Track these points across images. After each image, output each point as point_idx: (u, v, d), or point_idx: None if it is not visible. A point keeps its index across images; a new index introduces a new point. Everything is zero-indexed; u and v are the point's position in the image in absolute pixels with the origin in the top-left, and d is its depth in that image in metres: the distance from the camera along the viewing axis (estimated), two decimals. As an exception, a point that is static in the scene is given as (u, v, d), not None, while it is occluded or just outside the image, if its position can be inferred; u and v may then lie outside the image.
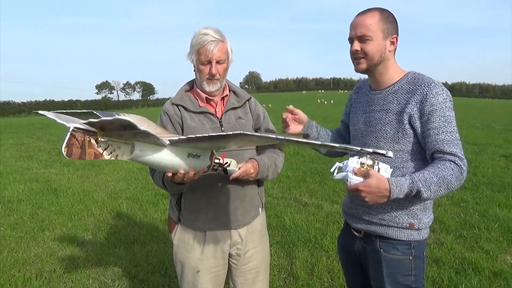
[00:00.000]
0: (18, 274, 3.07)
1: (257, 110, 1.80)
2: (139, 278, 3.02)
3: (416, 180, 1.29)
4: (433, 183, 1.29)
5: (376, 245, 1.51)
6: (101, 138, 0.99)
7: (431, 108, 1.35)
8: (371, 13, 1.42)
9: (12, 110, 54.35)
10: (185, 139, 1.14)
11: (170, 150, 1.16)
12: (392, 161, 1.43)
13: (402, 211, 1.46)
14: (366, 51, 1.42)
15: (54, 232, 4.05)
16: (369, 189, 1.26)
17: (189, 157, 1.25)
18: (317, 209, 4.66)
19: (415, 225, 1.46)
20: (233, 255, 1.76)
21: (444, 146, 1.34)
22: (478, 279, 2.86)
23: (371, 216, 1.51)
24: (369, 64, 1.45)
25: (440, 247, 3.45)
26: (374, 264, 1.52)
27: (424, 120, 1.37)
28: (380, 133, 1.47)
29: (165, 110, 1.69)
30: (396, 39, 1.44)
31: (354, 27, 1.44)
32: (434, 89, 1.36)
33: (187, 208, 1.70)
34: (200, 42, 1.57)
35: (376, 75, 1.50)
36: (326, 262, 3.18)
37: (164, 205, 4.92)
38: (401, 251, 1.47)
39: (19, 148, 10.42)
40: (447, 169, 1.31)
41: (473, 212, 4.40)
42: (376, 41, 1.41)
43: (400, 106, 1.43)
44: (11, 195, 5.48)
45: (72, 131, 0.93)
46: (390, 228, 1.47)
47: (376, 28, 1.40)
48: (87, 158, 0.97)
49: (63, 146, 0.92)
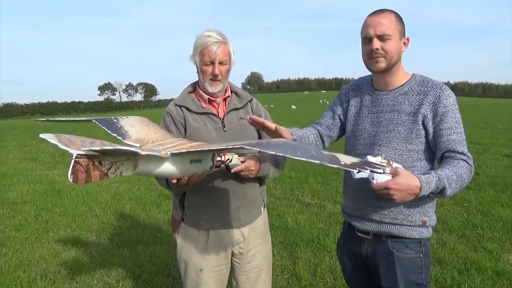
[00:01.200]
0: (23, 275, 3.10)
1: (258, 111, 1.83)
2: (143, 278, 3.04)
3: (442, 178, 1.31)
4: (454, 180, 1.33)
5: (387, 245, 1.50)
6: (104, 161, 1.01)
7: (444, 109, 1.40)
8: (387, 14, 1.44)
9: (15, 112, 54.43)
10: (186, 152, 1.17)
11: (172, 160, 1.18)
12: (403, 160, 1.45)
13: (415, 209, 1.47)
14: (386, 49, 1.42)
15: (58, 233, 4.08)
16: (399, 187, 1.26)
17: (192, 163, 1.27)
18: (320, 210, 4.67)
19: (427, 223, 1.48)
20: (235, 254, 1.78)
21: (456, 146, 1.39)
22: (481, 279, 2.86)
23: (382, 216, 1.50)
24: (388, 63, 1.44)
25: (443, 247, 3.45)
26: (387, 265, 1.51)
27: (437, 120, 1.42)
28: (393, 133, 1.48)
29: (168, 111, 1.72)
30: (408, 41, 1.48)
31: (371, 26, 1.43)
32: (446, 91, 1.43)
33: (190, 207, 1.72)
34: (203, 44, 1.60)
35: (387, 75, 1.51)
36: (329, 262, 3.19)
37: (167, 206, 4.94)
38: (413, 249, 1.49)
39: (22, 150, 10.48)
40: (462, 167, 1.36)
41: (476, 212, 4.39)
42: (395, 40, 1.43)
43: (412, 107, 1.45)
44: (15, 197, 5.51)
45: (75, 158, 0.93)
46: (404, 227, 1.48)
47: (394, 28, 1.42)
48: (92, 181, 0.98)
49: (69, 173, 0.92)
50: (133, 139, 1.32)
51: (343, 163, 0.95)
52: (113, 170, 1.03)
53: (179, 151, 1.17)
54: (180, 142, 1.30)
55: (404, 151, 1.46)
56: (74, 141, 1.04)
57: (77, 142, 1.03)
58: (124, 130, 1.37)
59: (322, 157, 0.94)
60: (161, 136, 1.37)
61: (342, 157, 0.99)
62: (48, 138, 1.03)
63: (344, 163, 0.95)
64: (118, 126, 1.39)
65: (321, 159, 0.92)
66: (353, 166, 0.96)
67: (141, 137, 1.34)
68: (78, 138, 1.09)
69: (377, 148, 1.51)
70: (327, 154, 0.97)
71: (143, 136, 1.35)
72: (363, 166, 0.98)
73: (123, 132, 1.36)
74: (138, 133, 1.36)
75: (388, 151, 1.48)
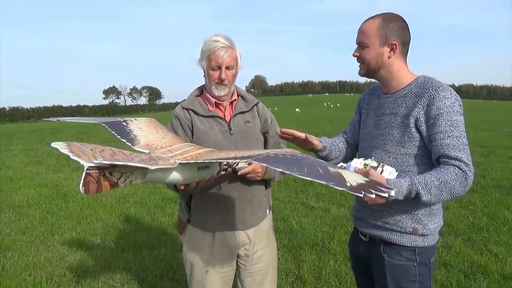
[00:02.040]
0: (28, 278, 3.11)
1: (264, 114, 1.85)
2: (147, 282, 3.05)
3: (416, 182, 1.28)
4: (434, 186, 1.27)
5: (380, 249, 1.50)
6: (114, 172, 1.02)
7: (437, 112, 1.34)
8: (372, 20, 1.44)
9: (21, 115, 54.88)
10: (194, 162, 1.19)
11: (180, 169, 1.19)
12: (398, 164, 1.43)
13: (406, 215, 1.44)
14: (362, 57, 1.48)
15: (64, 236, 4.10)
16: None
17: (199, 170, 1.29)
18: (324, 213, 4.66)
19: (419, 230, 1.43)
20: (241, 256, 1.79)
21: (449, 150, 1.32)
22: (487, 283, 2.84)
23: (375, 219, 1.50)
24: (367, 69, 1.49)
25: (448, 251, 3.43)
26: (379, 269, 1.52)
27: (430, 124, 1.36)
28: (388, 136, 1.47)
29: (175, 114, 1.74)
30: (396, 45, 1.42)
31: (357, 33, 1.49)
32: (442, 92, 1.35)
33: (196, 209, 1.74)
34: (210, 48, 1.63)
35: (382, 79, 1.51)
36: (334, 266, 3.18)
37: (172, 209, 4.96)
38: (405, 257, 1.46)
39: (28, 154, 10.54)
40: (450, 173, 1.29)
41: (481, 215, 4.37)
42: (371, 48, 1.44)
43: (408, 109, 1.42)
44: (21, 200, 5.54)
45: (87, 170, 0.95)
46: (394, 233, 1.46)
47: (372, 35, 1.42)
48: (103, 191, 0.99)
49: (81, 185, 0.94)
50: (142, 144, 1.33)
51: (349, 184, 0.93)
52: (123, 179, 1.05)
53: (188, 160, 1.18)
54: (188, 148, 1.31)
55: (398, 155, 1.44)
56: (84, 151, 1.05)
57: (88, 151, 1.05)
58: (133, 134, 1.39)
59: (329, 177, 0.93)
60: (169, 141, 1.38)
61: (349, 176, 0.98)
62: (60, 147, 1.04)
63: (350, 184, 0.93)
64: (127, 130, 1.41)
65: (328, 179, 0.91)
66: (358, 189, 0.92)
67: (150, 142, 1.35)
68: (88, 146, 1.10)
69: (374, 151, 1.51)
70: (334, 173, 0.96)
71: (152, 141, 1.36)
72: (368, 188, 0.94)
73: (132, 137, 1.38)
74: (147, 138, 1.38)
75: (382, 154, 1.47)
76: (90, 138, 13.28)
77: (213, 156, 1.20)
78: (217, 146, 1.65)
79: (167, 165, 1.11)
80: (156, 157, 1.16)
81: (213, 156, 1.20)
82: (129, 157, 1.09)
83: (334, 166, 1.04)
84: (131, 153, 1.15)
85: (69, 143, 1.09)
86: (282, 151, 1.11)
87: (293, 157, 1.04)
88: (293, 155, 1.06)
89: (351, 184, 0.93)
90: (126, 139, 1.36)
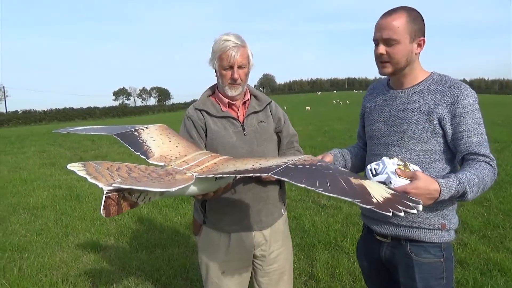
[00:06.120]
0: (45, 279, 3.16)
1: (278, 114, 1.83)
2: (161, 282, 3.07)
3: (463, 181, 1.26)
4: (475, 184, 1.27)
5: (406, 249, 1.47)
6: (134, 193, 1.02)
7: (463, 110, 1.34)
8: (398, 14, 1.36)
9: (33, 118, 55.66)
10: (212, 177, 1.20)
11: (198, 182, 1.17)
12: (420, 161, 1.42)
13: (433, 212, 1.43)
14: (392, 55, 1.38)
15: (78, 237, 4.15)
16: (418, 191, 1.20)
17: (216, 180, 1.29)
18: (336, 211, 4.64)
19: (447, 226, 1.44)
20: (257, 256, 1.79)
21: (477, 148, 1.34)
22: (505, 280, 2.80)
23: (400, 219, 1.46)
24: (395, 68, 1.41)
25: (463, 248, 3.39)
26: (405, 270, 1.48)
27: (456, 122, 1.36)
28: (407, 133, 1.44)
29: (188, 115, 1.73)
30: (423, 42, 1.40)
31: (380, 28, 1.38)
32: (464, 91, 1.35)
33: (212, 210, 1.74)
34: (222, 48, 1.61)
35: (400, 76, 1.48)
36: (347, 264, 3.16)
37: (183, 209, 4.98)
38: (433, 254, 1.44)
39: (41, 156, 10.69)
40: (484, 170, 1.31)
41: (497, 212, 4.30)
42: (402, 44, 1.36)
43: (427, 105, 1.40)
44: (35, 202, 5.63)
45: (106, 193, 0.95)
46: (422, 230, 1.44)
47: (403, 31, 1.35)
48: (124, 211, 1.00)
49: (101, 208, 0.95)
50: (156, 156, 1.32)
51: (375, 201, 0.88)
52: (142, 198, 1.06)
53: (205, 172, 1.17)
54: (203, 157, 1.30)
55: (420, 152, 1.42)
56: (101, 171, 1.05)
57: (104, 171, 1.05)
58: (146, 145, 1.38)
59: (353, 192, 0.89)
60: (183, 150, 1.37)
61: (373, 189, 0.93)
62: (77, 170, 1.05)
63: (377, 201, 0.88)
64: (139, 141, 1.40)
65: (353, 196, 0.87)
66: (385, 206, 0.87)
67: (164, 153, 1.34)
68: (104, 164, 1.10)
69: (392, 149, 1.48)
70: (357, 185, 0.92)
71: (166, 151, 1.35)
72: (395, 205, 0.88)
73: (145, 148, 1.37)
74: (161, 148, 1.37)
75: (403, 152, 1.44)
76: (101, 138, 13.41)
77: (230, 166, 1.18)
78: (231, 147, 1.65)
79: (185, 182, 1.09)
80: (172, 171, 1.15)
81: (230, 166, 1.18)
82: (145, 172, 1.09)
83: (356, 176, 1.00)
84: (147, 167, 1.14)
85: (85, 163, 1.09)
86: (300, 160, 1.06)
87: (313, 166, 1.00)
88: (313, 164, 1.02)
89: (377, 200, 0.89)
90: (140, 152, 1.36)
